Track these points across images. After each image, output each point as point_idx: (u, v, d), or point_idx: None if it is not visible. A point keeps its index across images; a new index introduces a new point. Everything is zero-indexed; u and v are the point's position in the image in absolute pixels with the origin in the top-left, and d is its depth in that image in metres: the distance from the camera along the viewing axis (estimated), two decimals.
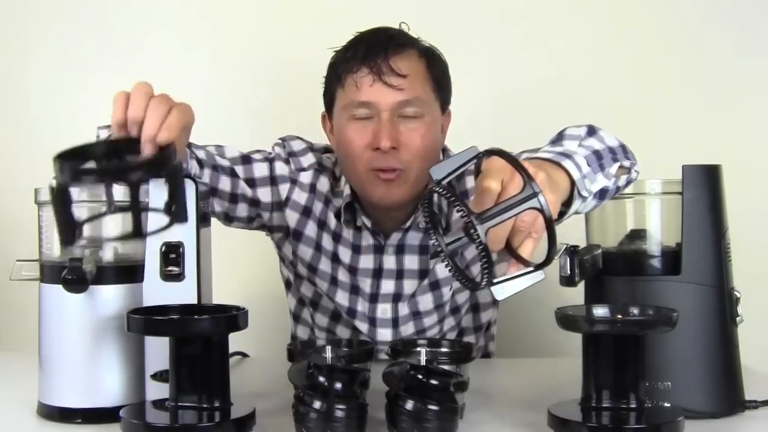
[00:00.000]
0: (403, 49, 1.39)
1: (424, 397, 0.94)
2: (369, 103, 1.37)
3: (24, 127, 2.09)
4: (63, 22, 2.08)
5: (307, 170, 1.49)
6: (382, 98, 1.37)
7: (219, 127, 1.97)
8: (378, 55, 1.37)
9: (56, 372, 1.10)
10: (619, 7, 2.02)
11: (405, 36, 1.43)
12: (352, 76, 1.38)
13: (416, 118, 1.38)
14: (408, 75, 1.37)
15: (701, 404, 1.09)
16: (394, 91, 1.36)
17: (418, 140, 1.38)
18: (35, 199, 1.13)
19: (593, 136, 1.14)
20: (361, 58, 1.37)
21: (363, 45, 1.39)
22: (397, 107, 1.37)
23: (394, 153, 1.37)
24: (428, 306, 1.47)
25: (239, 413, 0.99)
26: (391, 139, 1.36)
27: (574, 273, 1.08)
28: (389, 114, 1.37)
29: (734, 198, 1.18)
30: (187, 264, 1.11)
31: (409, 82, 1.37)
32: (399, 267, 1.48)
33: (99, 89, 2.05)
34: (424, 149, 1.39)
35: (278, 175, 1.47)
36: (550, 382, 1.28)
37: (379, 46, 1.38)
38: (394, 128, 1.37)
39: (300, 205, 1.48)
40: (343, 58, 1.41)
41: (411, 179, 1.39)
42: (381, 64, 1.36)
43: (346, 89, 1.39)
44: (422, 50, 1.42)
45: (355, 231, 1.48)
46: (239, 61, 2.06)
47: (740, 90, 2.00)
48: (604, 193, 1.07)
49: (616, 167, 1.09)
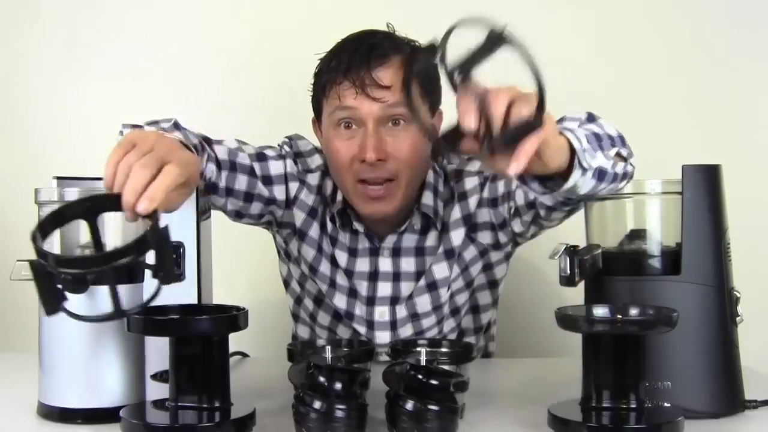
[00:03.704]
0: (386, 59, 1.36)
1: (424, 397, 0.94)
2: (353, 114, 1.35)
3: (24, 127, 2.09)
4: (62, 22, 2.08)
5: (314, 172, 1.49)
6: (365, 110, 1.34)
7: (219, 127, 1.98)
8: (360, 68, 1.34)
9: (56, 372, 1.10)
10: (618, 6, 2.02)
11: (389, 41, 1.39)
12: (335, 88, 1.36)
13: (403, 125, 1.36)
14: (391, 85, 1.34)
15: (701, 404, 1.09)
16: (378, 102, 1.34)
17: (405, 149, 1.36)
18: (35, 199, 1.13)
19: (593, 122, 1.14)
20: (344, 70, 1.35)
21: (345, 55, 1.36)
22: (381, 117, 1.35)
23: (381, 164, 1.35)
24: (426, 308, 1.47)
25: (239, 413, 0.99)
26: (376, 151, 1.34)
27: (574, 273, 1.08)
28: (374, 125, 1.35)
29: (734, 198, 1.18)
30: (187, 264, 1.11)
31: (393, 92, 1.34)
32: (395, 269, 1.47)
33: (99, 89, 2.08)
34: (413, 157, 1.37)
35: (289, 173, 1.47)
36: (550, 382, 1.28)
37: (361, 58, 1.35)
38: (380, 139, 1.35)
39: (307, 205, 1.48)
40: (326, 68, 1.39)
41: (401, 188, 1.38)
42: (364, 77, 1.34)
43: (329, 100, 1.38)
44: (408, 54, 1.37)
45: (351, 234, 1.48)
46: (239, 61, 2.06)
47: (741, 90, 2.00)
48: (602, 174, 1.06)
49: (614, 151, 1.08)
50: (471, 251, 1.46)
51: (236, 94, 2.06)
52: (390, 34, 1.42)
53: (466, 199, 1.45)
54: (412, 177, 1.39)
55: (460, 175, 1.47)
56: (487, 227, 1.45)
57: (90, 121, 2.04)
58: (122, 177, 0.94)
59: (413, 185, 1.41)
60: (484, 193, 1.44)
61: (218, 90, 2.06)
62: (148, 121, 1.20)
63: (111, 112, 1.92)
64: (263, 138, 1.53)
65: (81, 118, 2.05)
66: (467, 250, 1.46)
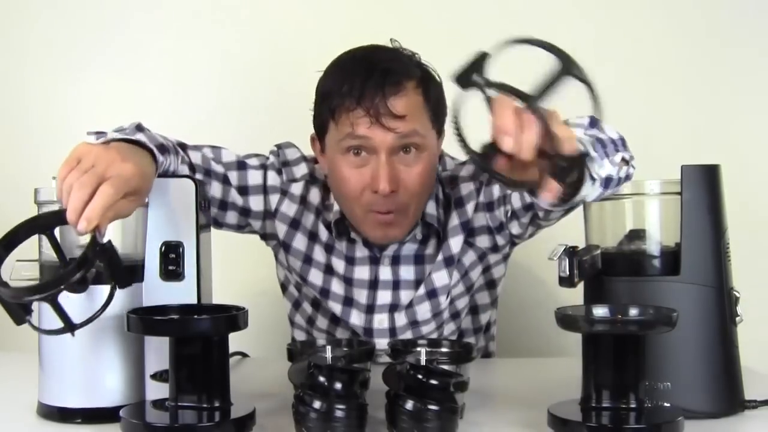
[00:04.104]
0: (400, 87, 1.32)
1: (424, 397, 0.94)
2: (365, 143, 1.33)
3: (24, 127, 2.09)
4: (62, 21, 2.08)
5: (298, 181, 1.47)
6: (379, 139, 1.31)
7: (218, 128, 1.98)
8: (375, 95, 1.30)
9: (56, 372, 1.10)
10: (618, 6, 2.02)
11: (401, 64, 1.36)
12: (347, 114, 1.32)
13: (414, 153, 1.35)
14: (406, 115, 1.32)
15: (701, 404, 1.09)
16: (392, 132, 1.32)
17: (417, 180, 1.35)
18: (35, 199, 1.13)
19: (595, 127, 1.13)
20: (357, 97, 1.31)
21: (358, 80, 1.32)
22: (395, 147, 1.33)
23: (392, 195, 1.34)
24: (426, 315, 1.46)
25: (239, 413, 0.99)
26: (390, 182, 1.32)
27: (573, 274, 1.07)
28: (387, 154, 1.32)
29: (734, 198, 1.18)
30: (187, 264, 1.12)
31: (406, 121, 1.32)
32: (395, 278, 1.46)
33: (99, 89, 2.08)
34: (423, 187, 1.37)
35: (270, 185, 1.45)
36: (550, 382, 1.27)
37: (375, 84, 1.31)
38: (393, 169, 1.33)
39: (288, 217, 1.46)
40: (336, 92, 1.33)
41: (410, 216, 1.38)
42: (378, 105, 1.30)
43: (340, 126, 1.34)
44: (419, 79, 1.35)
45: (349, 243, 1.46)
46: (239, 62, 2.06)
47: (740, 90, 2.00)
48: (608, 181, 1.05)
49: (620, 157, 1.08)
50: (470, 256, 1.46)
51: (236, 94, 2.06)
52: (398, 53, 1.39)
53: (464, 205, 1.44)
54: (421, 203, 1.39)
55: (456, 181, 1.46)
56: (484, 231, 1.45)
57: (90, 121, 2.04)
58: (66, 195, 0.98)
59: (422, 209, 1.41)
60: (480, 198, 1.43)
61: (218, 90, 2.06)
62: (115, 128, 1.20)
63: (111, 112, 1.92)
64: (262, 138, 1.53)
65: (81, 118, 2.05)
66: (466, 255, 1.46)
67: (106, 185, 0.98)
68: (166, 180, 1.14)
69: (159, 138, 1.20)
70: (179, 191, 1.13)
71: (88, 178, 0.98)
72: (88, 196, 0.97)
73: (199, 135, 1.49)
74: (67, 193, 0.98)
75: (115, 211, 1.00)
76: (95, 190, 0.98)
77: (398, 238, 1.42)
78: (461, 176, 1.46)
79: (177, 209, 1.13)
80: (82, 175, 0.98)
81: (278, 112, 1.97)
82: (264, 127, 1.93)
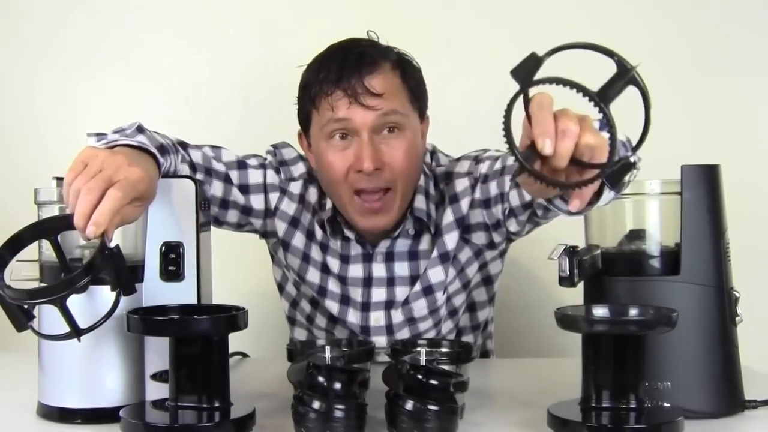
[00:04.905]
0: (376, 66, 1.35)
1: (424, 397, 0.94)
2: (347, 124, 1.34)
3: (24, 127, 2.09)
4: (63, 22, 2.08)
5: (297, 180, 1.48)
6: (359, 119, 1.33)
7: (217, 127, 1.99)
8: (352, 76, 1.33)
9: (56, 372, 1.10)
10: (618, 6, 2.02)
11: (376, 49, 1.38)
12: (326, 99, 1.34)
13: (396, 132, 1.36)
14: (384, 93, 1.34)
15: (701, 404, 1.09)
16: (372, 111, 1.33)
17: (401, 157, 1.36)
18: (35, 199, 1.13)
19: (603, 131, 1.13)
20: (335, 80, 1.33)
21: (334, 65, 1.35)
22: (376, 126, 1.34)
23: (377, 173, 1.34)
24: (422, 312, 1.46)
25: (239, 413, 0.99)
26: (373, 160, 1.33)
27: (573, 273, 1.07)
28: (368, 134, 1.34)
29: (734, 198, 1.18)
30: (187, 264, 1.12)
31: (385, 99, 1.34)
32: (389, 274, 1.47)
33: (99, 89, 2.08)
34: (408, 165, 1.37)
35: (269, 183, 1.46)
36: (550, 382, 1.27)
37: (351, 66, 1.33)
38: (376, 148, 1.34)
39: (288, 215, 1.47)
40: (315, 79, 1.36)
41: (397, 199, 1.38)
42: (356, 85, 1.32)
43: (321, 112, 1.36)
44: (395, 62, 1.38)
45: (343, 241, 1.47)
46: (239, 61, 2.06)
47: (740, 90, 2.00)
48: (623, 185, 1.06)
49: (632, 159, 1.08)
50: (466, 252, 1.46)
51: (236, 94, 2.06)
52: (374, 41, 1.41)
53: (458, 201, 1.45)
54: (407, 185, 1.39)
55: (450, 177, 1.46)
56: (480, 228, 1.45)
57: (90, 121, 2.04)
58: (73, 200, 0.98)
59: (409, 193, 1.41)
60: (476, 195, 1.43)
61: (218, 90, 2.07)
62: (114, 129, 1.20)
63: (111, 112, 1.92)
64: (262, 138, 1.54)
65: (81, 119, 2.05)
66: (462, 251, 1.46)
67: (114, 189, 0.98)
68: (167, 180, 1.14)
69: (159, 138, 1.20)
70: (179, 191, 1.13)
71: (95, 182, 0.98)
72: (96, 201, 0.97)
73: (198, 135, 1.49)
74: (74, 197, 0.98)
75: (122, 216, 1.00)
76: (103, 195, 0.97)
77: (387, 226, 1.41)
78: (456, 172, 1.46)
79: (177, 209, 1.13)
80: (89, 179, 0.98)
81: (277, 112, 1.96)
82: (263, 127, 1.93)
